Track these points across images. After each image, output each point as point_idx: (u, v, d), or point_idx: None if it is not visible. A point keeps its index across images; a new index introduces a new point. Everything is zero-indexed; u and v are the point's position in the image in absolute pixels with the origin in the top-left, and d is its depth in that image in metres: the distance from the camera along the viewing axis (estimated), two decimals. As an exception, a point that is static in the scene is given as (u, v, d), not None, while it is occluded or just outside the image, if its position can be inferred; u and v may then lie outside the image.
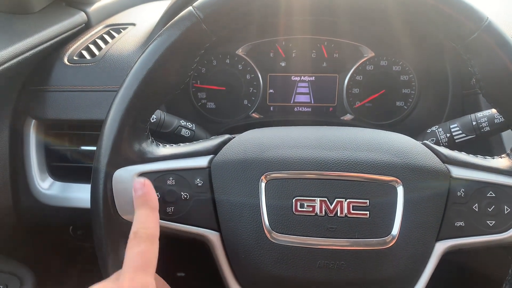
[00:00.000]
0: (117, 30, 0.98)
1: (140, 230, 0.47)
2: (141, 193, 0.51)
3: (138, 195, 0.51)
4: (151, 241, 0.47)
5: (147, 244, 0.47)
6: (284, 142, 0.55)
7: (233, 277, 0.54)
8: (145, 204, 0.50)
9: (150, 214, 0.50)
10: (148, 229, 0.48)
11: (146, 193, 0.51)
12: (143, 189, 0.51)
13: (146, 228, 0.48)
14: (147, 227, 0.48)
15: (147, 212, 0.50)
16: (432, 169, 0.53)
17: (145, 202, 0.50)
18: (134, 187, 0.51)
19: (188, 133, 0.76)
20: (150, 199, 0.51)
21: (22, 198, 0.85)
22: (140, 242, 0.47)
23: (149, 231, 0.48)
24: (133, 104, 0.51)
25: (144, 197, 0.50)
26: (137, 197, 0.51)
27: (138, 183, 0.51)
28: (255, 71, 0.92)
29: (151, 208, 0.50)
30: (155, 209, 0.51)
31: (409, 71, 0.91)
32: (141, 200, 0.50)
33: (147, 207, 0.50)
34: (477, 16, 0.49)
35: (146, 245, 0.47)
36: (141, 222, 0.49)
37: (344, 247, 0.51)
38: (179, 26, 0.51)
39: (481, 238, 0.52)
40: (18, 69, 0.80)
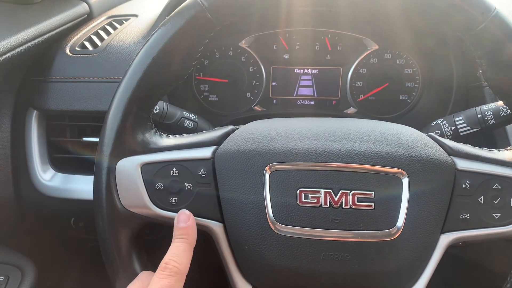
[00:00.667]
0: (119, 21, 0.97)
1: (171, 263, 0.47)
2: (184, 226, 0.51)
3: (181, 226, 0.51)
4: (179, 277, 0.47)
5: (175, 280, 0.47)
6: (288, 133, 0.54)
7: (237, 269, 0.54)
8: (185, 238, 0.50)
9: (186, 250, 0.50)
10: (180, 265, 0.48)
11: (188, 227, 0.51)
12: (186, 222, 0.51)
13: (178, 263, 0.48)
14: (180, 262, 0.48)
15: (184, 247, 0.50)
16: (438, 161, 0.52)
17: (186, 235, 0.50)
18: (178, 217, 0.51)
19: (191, 125, 0.76)
20: (191, 234, 0.51)
21: (24, 190, 0.85)
22: (169, 276, 0.47)
23: (181, 267, 0.48)
24: (136, 94, 0.51)
25: (186, 231, 0.50)
26: (179, 228, 0.51)
27: (184, 214, 0.51)
28: (258, 64, 0.92)
29: (189, 244, 0.50)
30: (192, 246, 0.50)
31: (413, 65, 0.90)
32: (182, 232, 0.50)
33: (186, 242, 0.50)
34: (485, 7, 0.49)
35: (173, 280, 0.47)
36: (176, 255, 0.48)
37: (349, 238, 0.50)
38: (184, 15, 0.51)
39: (486, 230, 0.52)
40: (20, 60, 0.79)
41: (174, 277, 0.47)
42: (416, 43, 0.89)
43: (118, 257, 0.53)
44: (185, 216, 0.51)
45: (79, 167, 0.85)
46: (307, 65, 0.92)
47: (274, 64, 0.92)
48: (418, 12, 0.53)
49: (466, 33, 0.51)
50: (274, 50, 0.92)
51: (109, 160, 0.52)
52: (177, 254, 0.49)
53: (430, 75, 0.90)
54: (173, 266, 0.47)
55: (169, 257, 0.48)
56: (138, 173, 0.52)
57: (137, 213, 0.53)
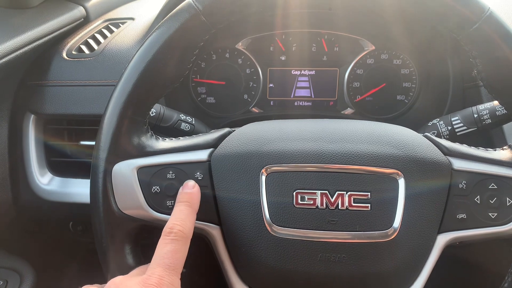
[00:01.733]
0: (116, 25, 0.97)
1: (176, 227, 0.47)
2: (188, 191, 0.51)
3: (185, 191, 0.51)
4: (184, 241, 0.47)
5: (180, 244, 0.46)
6: (284, 135, 0.55)
7: (234, 271, 0.54)
8: (188, 202, 0.50)
9: (190, 214, 0.49)
10: (184, 228, 0.47)
11: (193, 193, 0.51)
12: (191, 189, 0.51)
13: (182, 226, 0.47)
14: (184, 225, 0.48)
15: (188, 211, 0.49)
16: (434, 161, 0.52)
17: (190, 200, 0.50)
18: (184, 184, 0.51)
19: (188, 127, 0.76)
20: (195, 200, 0.51)
21: (21, 194, 0.85)
22: (174, 240, 0.46)
23: (185, 230, 0.47)
24: (132, 97, 0.51)
25: (190, 196, 0.50)
26: (183, 193, 0.51)
27: (190, 181, 0.51)
28: (255, 65, 0.92)
29: (192, 208, 0.50)
30: (195, 211, 0.50)
31: (410, 65, 0.90)
32: (186, 197, 0.50)
33: (189, 205, 0.50)
34: (478, 7, 0.49)
35: (179, 244, 0.46)
36: (179, 219, 0.48)
37: (345, 240, 0.50)
38: (178, 18, 0.51)
39: (483, 230, 0.52)
40: (17, 64, 0.80)
41: (180, 241, 0.46)
42: (412, 43, 0.89)
43: (115, 260, 0.53)
44: (191, 183, 0.51)
45: (77, 171, 0.85)
46: (304, 67, 0.92)
47: (271, 66, 0.92)
48: (413, 12, 0.53)
49: (461, 33, 0.51)
50: (270, 52, 0.92)
51: (105, 164, 0.52)
52: (181, 218, 0.48)
53: (426, 75, 0.90)
54: (178, 230, 0.47)
55: (173, 222, 0.48)
56: (134, 176, 0.52)
57: (134, 216, 0.53)
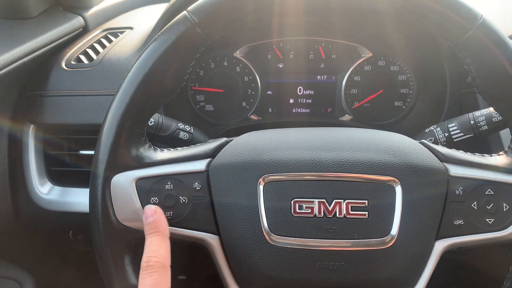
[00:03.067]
0: (114, 34, 0.98)
1: (151, 259, 0.48)
2: (151, 220, 0.51)
3: (148, 222, 0.51)
4: (163, 271, 0.47)
5: (160, 274, 0.47)
6: (281, 144, 0.55)
7: (234, 280, 0.54)
8: (155, 231, 0.50)
9: (161, 242, 0.50)
10: (159, 258, 0.48)
11: (156, 220, 0.51)
12: (153, 216, 0.51)
13: (157, 257, 0.48)
14: (159, 255, 0.48)
15: (158, 240, 0.50)
16: (430, 168, 0.52)
17: (156, 229, 0.50)
18: (145, 213, 0.52)
19: (186, 136, 0.76)
20: (161, 226, 0.51)
21: (21, 203, 0.85)
22: (152, 272, 0.47)
23: (161, 260, 0.48)
24: (129, 109, 0.51)
25: (155, 224, 0.51)
26: (148, 223, 0.51)
27: (149, 209, 0.51)
28: (253, 73, 0.92)
29: (161, 236, 0.50)
30: (166, 237, 0.51)
31: (407, 71, 0.91)
32: (151, 226, 0.51)
33: (158, 234, 0.50)
34: (471, 14, 0.50)
35: (158, 275, 0.47)
36: (153, 250, 0.49)
37: (344, 248, 0.50)
38: (174, 31, 0.51)
39: (480, 236, 0.52)
40: (16, 75, 0.80)
41: (158, 272, 0.47)
42: (409, 50, 0.89)
43: (115, 271, 0.53)
44: (151, 211, 0.51)
45: (77, 180, 0.85)
46: (301, 74, 0.93)
47: (268, 73, 0.93)
48: (408, 20, 0.53)
49: (455, 41, 0.51)
50: (268, 60, 0.93)
51: (104, 176, 0.52)
52: (153, 248, 0.49)
53: (424, 81, 0.91)
54: (154, 262, 0.47)
55: (147, 255, 0.48)
56: (133, 188, 0.53)
57: (133, 227, 0.53)
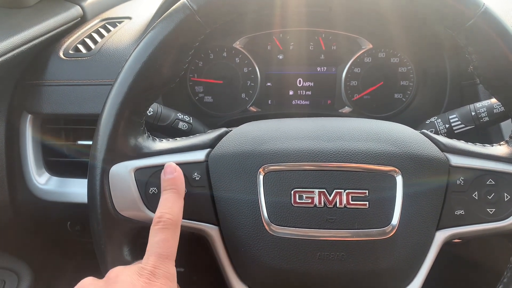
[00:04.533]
0: (112, 24, 0.97)
1: (165, 215, 0.47)
2: (171, 177, 0.50)
3: (167, 178, 0.50)
4: (174, 229, 0.47)
5: (170, 232, 0.47)
6: (281, 134, 0.54)
7: (233, 271, 0.54)
8: (173, 188, 0.50)
9: (177, 200, 0.49)
10: (172, 215, 0.48)
11: (176, 177, 0.50)
12: (173, 173, 0.50)
13: (171, 214, 0.48)
14: (172, 213, 0.48)
15: (174, 197, 0.49)
16: (431, 158, 0.52)
17: (174, 186, 0.50)
18: (164, 170, 0.51)
19: (185, 126, 0.76)
20: (179, 184, 0.50)
21: (19, 194, 0.85)
22: (164, 229, 0.46)
23: (174, 217, 0.48)
24: (127, 99, 0.51)
25: (174, 181, 0.50)
26: (166, 180, 0.50)
27: (170, 167, 0.51)
28: (253, 64, 0.92)
29: (178, 194, 0.50)
30: (181, 196, 0.50)
31: (407, 63, 0.90)
32: (169, 183, 0.50)
33: (175, 191, 0.50)
34: (473, 2, 0.49)
35: (169, 232, 0.47)
36: (167, 207, 0.48)
37: (344, 238, 0.50)
38: (173, 19, 0.51)
39: (481, 226, 0.52)
40: (14, 63, 0.79)
41: (170, 229, 0.47)
42: (409, 41, 0.89)
43: (113, 262, 0.53)
44: (171, 168, 0.51)
45: (74, 171, 0.85)
46: (301, 65, 0.92)
47: (268, 65, 0.92)
48: (409, 9, 0.53)
49: (456, 29, 0.51)
50: (268, 51, 0.92)
51: (102, 166, 0.52)
52: (169, 206, 0.49)
53: (424, 73, 0.90)
54: (166, 218, 0.47)
55: (161, 210, 0.48)
56: (131, 178, 0.52)
57: (132, 218, 0.53)
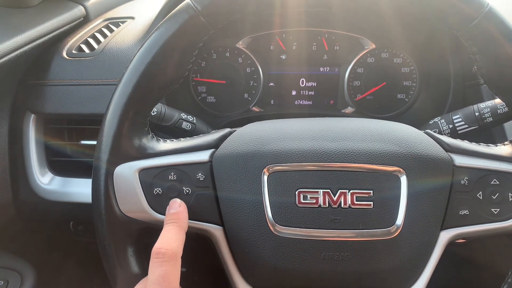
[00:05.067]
0: (115, 24, 0.97)
1: (163, 248, 0.47)
2: (174, 211, 0.51)
3: (171, 212, 0.51)
4: (173, 261, 0.47)
5: (169, 265, 0.46)
6: (285, 134, 0.54)
7: (238, 271, 0.54)
8: (175, 222, 0.50)
9: (178, 234, 0.49)
10: (171, 248, 0.47)
11: (179, 212, 0.51)
12: (177, 209, 0.51)
13: (169, 246, 0.47)
14: (171, 245, 0.47)
15: (175, 230, 0.49)
16: (435, 158, 0.52)
17: (176, 220, 0.50)
18: (170, 205, 0.52)
19: (189, 126, 0.76)
20: (182, 219, 0.51)
21: (22, 193, 0.85)
22: (163, 262, 0.46)
23: (172, 250, 0.47)
24: (132, 99, 0.51)
25: (177, 215, 0.51)
26: (170, 214, 0.51)
27: (175, 202, 0.52)
28: (255, 65, 0.92)
29: (179, 227, 0.50)
30: (183, 230, 0.50)
31: (410, 63, 0.90)
32: (172, 217, 0.51)
33: (176, 225, 0.50)
34: (478, 2, 0.49)
35: (168, 266, 0.46)
36: (167, 239, 0.48)
37: (349, 238, 0.50)
38: (177, 19, 0.51)
39: (486, 226, 0.52)
40: (17, 63, 0.79)
41: (169, 262, 0.46)
42: (412, 41, 0.89)
43: (118, 262, 0.53)
44: (176, 204, 0.51)
45: (78, 171, 0.85)
46: (304, 65, 0.92)
47: (271, 65, 0.92)
48: (413, 9, 0.53)
49: (460, 30, 0.51)
50: (271, 51, 0.92)
51: (107, 167, 0.52)
52: (168, 237, 0.48)
53: (427, 73, 0.90)
54: (165, 250, 0.47)
55: (160, 242, 0.48)
56: (136, 178, 0.52)
57: (136, 218, 0.53)
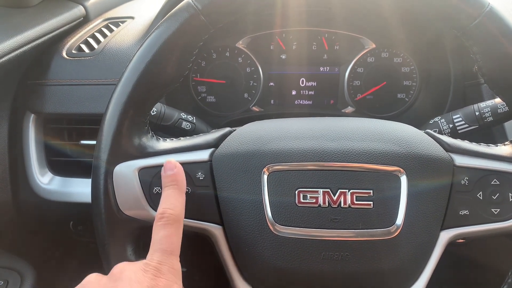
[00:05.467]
0: (115, 24, 0.97)
1: (167, 211, 0.47)
2: (171, 173, 0.50)
3: (168, 174, 0.50)
4: (177, 224, 0.47)
5: (173, 227, 0.47)
6: (285, 133, 0.54)
7: (237, 271, 0.54)
8: (174, 184, 0.50)
9: (178, 196, 0.49)
10: (175, 211, 0.48)
11: (176, 173, 0.50)
12: (173, 170, 0.50)
13: (173, 210, 0.48)
14: (174, 208, 0.48)
15: (176, 193, 0.49)
16: (436, 158, 0.52)
17: (175, 182, 0.50)
18: (164, 166, 0.51)
19: (189, 126, 0.76)
20: (180, 180, 0.50)
21: (21, 193, 0.85)
22: (166, 224, 0.47)
23: (176, 213, 0.48)
24: (132, 98, 0.51)
25: (174, 177, 0.50)
26: (167, 176, 0.50)
27: (169, 163, 0.51)
28: (255, 64, 0.92)
29: (179, 189, 0.50)
30: (183, 191, 0.50)
31: (410, 63, 0.90)
32: (170, 179, 0.50)
33: (176, 187, 0.50)
34: (478, 2, 0.49)
35: (172, 228, 0.47)
36: (169, 203, 0.48)
37: (349, 238, 0.50)
38: (177, 18, 0.51)
39: (486, 226, 0.52)
40: (17, 63, 0.79)
41: (173, 225, 0.47)
42: (413, 41, 0.89)
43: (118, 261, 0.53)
44: (171, 164, 0.51)
45: (77, 170, 0.85)
46: (304, 65, 0.92)
47: (271, 65, 0.92)
48: (413, 9, 0.53)
49: (461, 29, 0.51)
50: (271, 50, 0.92)
51: (106, 166, 0.52)
52: (171, 201, 0.49)
53: (427, 73, 0.90)
54: (169, 214, 0.47)
55: (163, 206, 0.48)
56: (135, 177, 0.52)
57: (136, 217, 0.53)
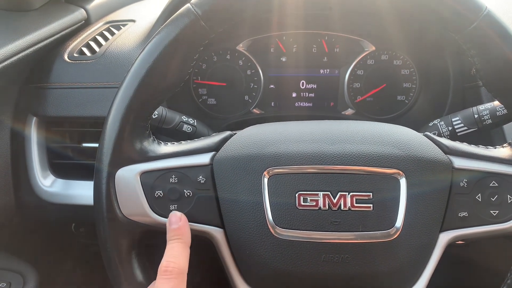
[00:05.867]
0: (117, 27, 0.98)
1: (170, 264, 0.47)
2: (176, 227, 0.51)
3: (173, 228, 0.51)
4: (181, 278, 0.47)
5: (178, 281, 0.47)
6: (285, 137, 0.55)
7: (238, 273, 0.54)
8: (179, 238, 0.50)
9: (182, 250, 0.50)
10: (179, 265, 0.48)
11: (181, 227, 0.51)
12: (178, 223, 0.51)
13: (177, 264, 0.48)
14: (178, 262, 0.48)
15: (180, 246, 0.50)
16: (435, 161, 0.53)
17: (180, 236, 0.50)
18: (169, 220, 0.51)
19: (190, 129, 0.76)
20: (185, 234, 0.51)
21: (24, 196, 0.85)
22: (171, 279, 0.47)
23: (180, 266, 0.48)
24: (133, 103, 0.51)
25: (179, 231, 0.51)
26: (172, 230, 0.51)
27: (174, 216, 0.51)
28: (256, 67, 0.92)
29: (184, 244, 0.50)
30: (187, 245, 0.51)
31: (410, 65, 0.91)
32: (175, 233, 0.51)
33: (180, 242, 0.50)
34: (476, 6, 0.49)
35: (176, 282, 0.47)
36: (173, 256, 0.49)
37: (349, 240, 0.51)
38: (178, 24, 0.51)
39: (484, 228, 0.52)
40: (19, 67, 0.80)
41: (177, 279, 0.47)
42: (412, 43, 0.89)
43: (120, 265, 0.53)
44: (176, 217, 0.51)
45: (79, 173, 0.85)
46: (304, 68, 0.93)
47: (271, 67, 0.93)
48: (411, 12, 0.53)
49: (459, 33, 0.51)
50: (271, 53, 0.92)
51: (108, 170, 0.52)
52: (174, 255, 0.49)
53: (427, 75, 0.91)
54: (172, 267, 0.47)
55: (167, 260, 0.48)
56: (137, 181, 0.53)
57: (138, 221, 0.53)
